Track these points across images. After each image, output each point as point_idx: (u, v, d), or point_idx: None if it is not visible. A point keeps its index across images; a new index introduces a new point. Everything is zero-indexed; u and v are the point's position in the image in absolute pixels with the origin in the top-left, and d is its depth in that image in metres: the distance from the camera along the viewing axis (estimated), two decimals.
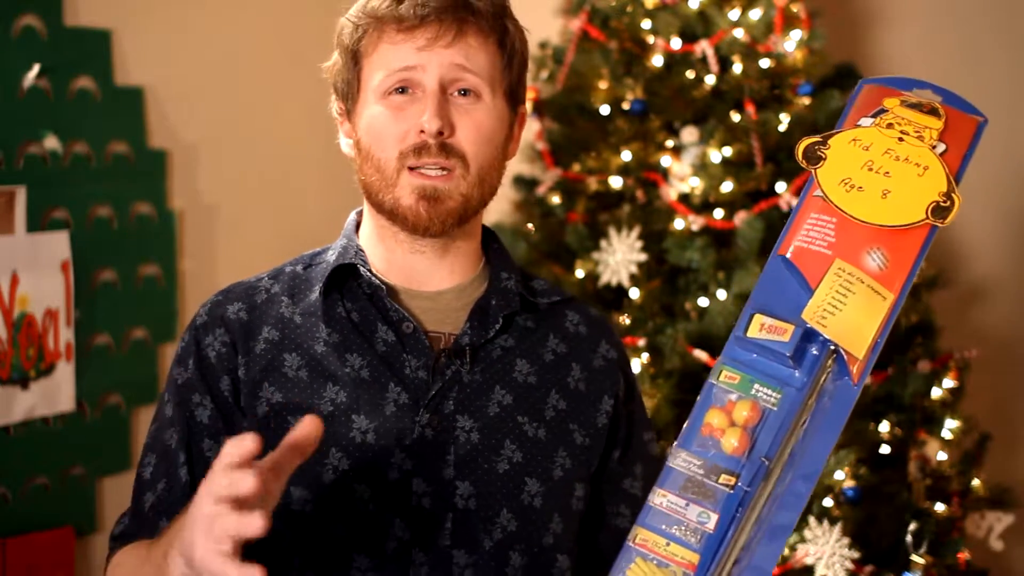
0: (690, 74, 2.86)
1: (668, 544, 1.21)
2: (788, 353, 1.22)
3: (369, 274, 1.47)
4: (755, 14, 2.86)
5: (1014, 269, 3.31)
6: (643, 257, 2.77)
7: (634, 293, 2.79)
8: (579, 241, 2.85)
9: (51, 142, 2.62)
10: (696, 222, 2.77)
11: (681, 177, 2.83)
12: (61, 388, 2.64)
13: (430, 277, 1.50)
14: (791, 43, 2.85)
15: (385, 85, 1.44)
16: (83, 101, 2.70)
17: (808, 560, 2.57)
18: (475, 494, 1.42)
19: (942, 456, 2.85)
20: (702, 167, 2.80)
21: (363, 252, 1.50)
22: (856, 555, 2.57)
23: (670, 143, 2.87)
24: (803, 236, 1.28)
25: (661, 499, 1.23)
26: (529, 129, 2.96)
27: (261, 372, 1.44)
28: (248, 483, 1.13)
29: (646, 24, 2.90)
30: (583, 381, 1.53)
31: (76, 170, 2.68)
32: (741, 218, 2.75)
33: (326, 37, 1.54)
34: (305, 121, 3.10)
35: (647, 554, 1.21)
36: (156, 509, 1.45)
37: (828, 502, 2.66)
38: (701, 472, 1.22)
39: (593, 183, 2.89)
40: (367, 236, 1.52)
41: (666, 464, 1.25)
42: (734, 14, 2.88)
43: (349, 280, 1.49)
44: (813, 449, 1.22)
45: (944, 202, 1.27)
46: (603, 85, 2.91)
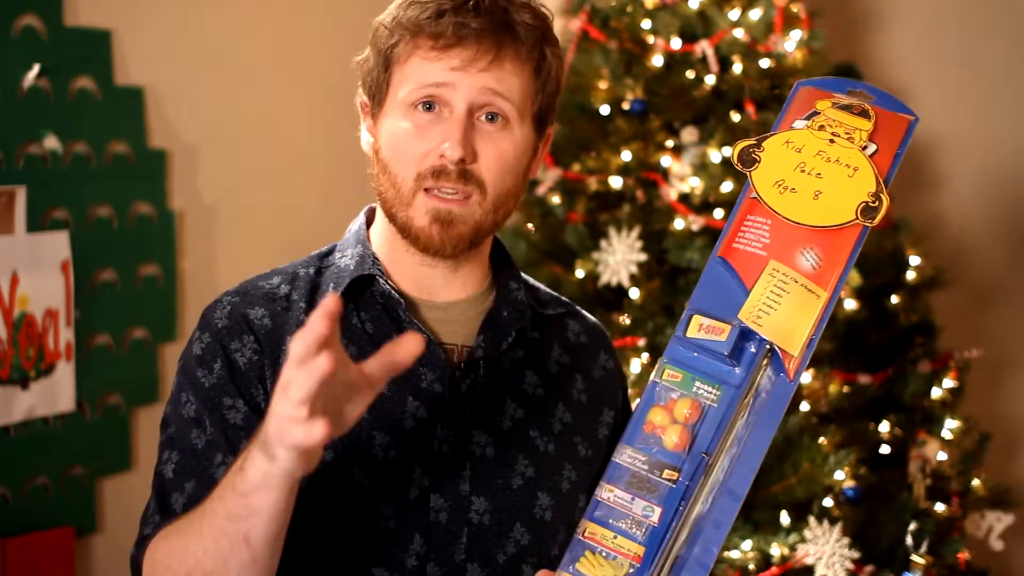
0: (690, 74, 2.86)
1: (615, 537, 1.25)
2: (725, 352, 1.27)
3: (387, 286, 1.45)
4: (755, 14, 2.86)
5: (1014, 269, 3.31)
6: (643, 257, 2.77)
7: (634, 293, 2.79)
8: (579, 241, 2.85)
9: (51, 142, 2.62)
10: (696, 222, 2.77)
11: (681, 177, 2.83)
12: (61, 388, 2.64)
13: (443, 288, 1.49)
14: (791, 43, 2.85)
15: (412, 98, 1.40)
16: (83, 101, 2.70)
17: (808, 560, 2.57)
18: (490, 509, 1.42)
19: (942, 456, 2.85)
20: (702, 167, 2.80)
21: (379, 262, 1.47)
22: (856, 555, 2.57)
23: (670, 143, 2.87)
24: (740, 238, 1.32)
25: (608, 494, 1.27)
26: None
27: None
28: (319, 327, 1.07)
29: (646, 24, 2.90)
30: (585, 393, 1.53)
31: (76, 170, 2.68)
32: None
33: (327, 37, 1.54)
34: (305, 121, 3.10)
35: (596, 547, 1.26)
36: (188, 508, 1.37)
37: (828, 502, 2.66)
38: (645, 468, 1.26)
39: (593, 183, 2.89)
40: (379, 241, 1.49)
41: (612, 460, 1.29)
42: (734, 14, 2.88)
43: (362, 289, 1.47)
44: (752, 443, 1.26)
45: (873, 202, 1.30)
46: (603, 85, 2.91)
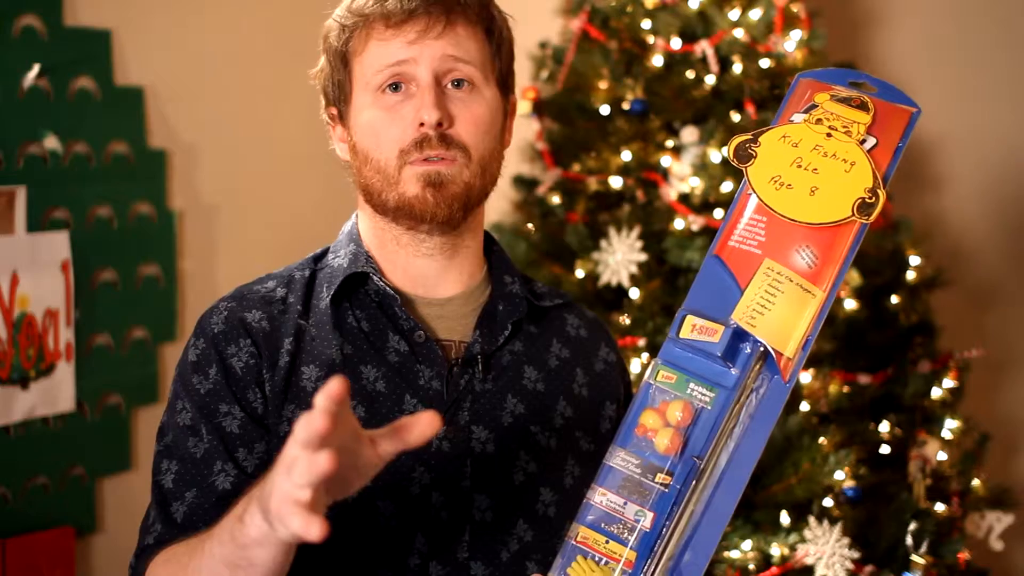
0: (690, 74, 2.86)
1: (607, 542, 1.23)
2: (718, 353, 1.24)
3: (381, 283, 1.45)
4: (755, 14, 2.86)
5: (1014, 269, 3.31)
6: (643, 257, 2.77)
7: (634, 293, 2.79)
8: (579, 241, 2.85)
9: (51, 142, 2.62)
10: (696, 222, 2.77)
11: (681, 177, 2.83)
12: (61, 388, 2.64)
13: (437, 282, 1.48)
14: (791, 43, 2.85)
15: (377, 81, 1.42)
16: (83, 101, 2.70)
17: (808, 560, 2.57)
18: (492, 506, 1.41)
19: (942, 456, 2.85)
20: (702, 167, 2.80)
21: (373, 259, 1.48)
22: (856, 555, 2.57)
23: (670, 143, 2.87)
24: (736, 235, 1.30)
25: (601, 498, 1.25)
26: (529, 129, 2.96)
27: (283, 388, 1.41)
28: (320, 421, 1.06)
29: (646, 24, 2.90)
30: (586, 387, 1.53)
31: (76, 170, 2.68)
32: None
33: None
34: (305, 121, 3.10)
35: (588, 552, 1.24)
36: (191, 518, 1.38)
37: (828, 502, 2.66)
38: (638, 471, 1.24)
39: (593, 183, 2.89)
40: (371, 239, 1.49)
41: (604, 463, 1.27)
42: (734, 14, 2.88)
43: (356, 288, 1.47)
44: (745, 448, 1.23)
45: (869, 198, 1.27)
46: (603, 85, 2.91)
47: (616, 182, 2.87)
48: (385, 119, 1.42)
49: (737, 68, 2.84)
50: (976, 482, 2.89)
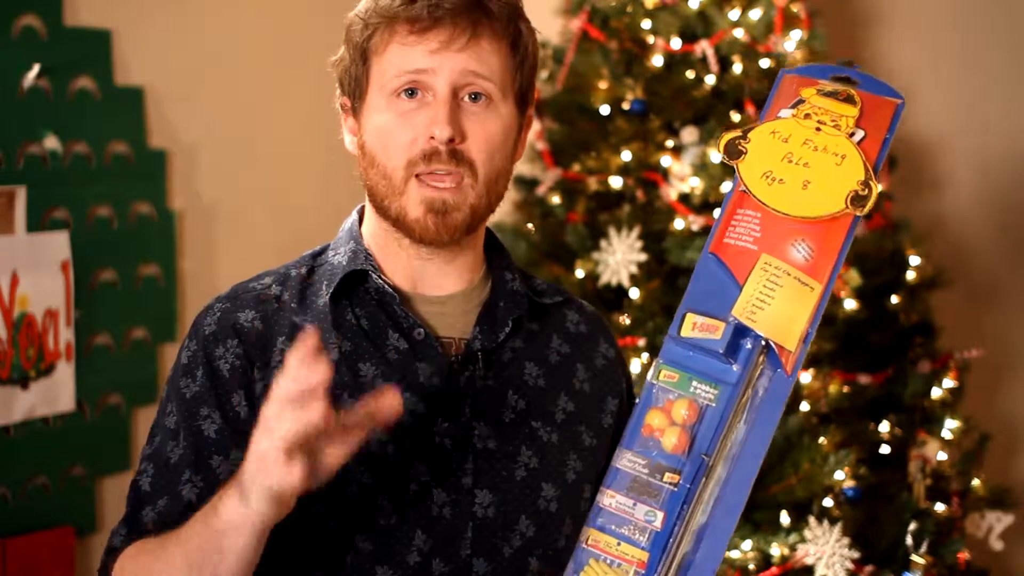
0: (690, 74, 2.86)
1: (619, 544, 1.23)
2: (720, 350, 1.24)
3: (380, 280, 1.45)
4: (755, 14, 2.86)
5: (1014, 269, 3.31)
6: (643, 257, 2.77)
7: (634, 293, 2.79)
8: (579, 241, 2.85)
9: (51, 142, 2.62)
10: (696, 222, 2.77)
11: (681, 177, 2.83)
12: (61, 388, 2.64)
13: (437, 281, 1.48)
14: (791, 43, 2.85)
15: (394, 85, 1.40)
16: (83, 101, 2.70)
17: (808, 560, 2.57)
18: (494, 502, 1.41)
19: (942, 456, 2.85)
20: (702, 167, 2.80)
21: (372, 257, 1.47)
22: (856, 555, 2.57)
23: (670, 143, 2.87)
24: (730, 232, 1.30)
25: (610, 500, 1.25)
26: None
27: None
28: (316, 374, 1.11)
29: (646, 24, 2.90)
30: (587, 382, 1.52)
31: (76, 170, 2.68)
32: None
33: (326, 37, 1.53)
34: (305, 121, 3.10)
35: (600, 555, 1.24)
36: (158, 525, 1.39)
37: (828, 502, 2.66)
38: (646, 472, 1.24)
39: (593, 183, 2.89)
40: (371, 236, 1.49)
41: (612, 465, 1.27)
42: (734, 14, 2.88)
43: (356, 285, 1.46)
44: (752, 441, 1.24)
45: (862, 190, 1.28)
46: (603, 85, 2.91)
47: (616, 182, 2.87)
48: (397, 125, 1.40)
49: (737, 68, 2.84)
50: (976, 482, 2.89)
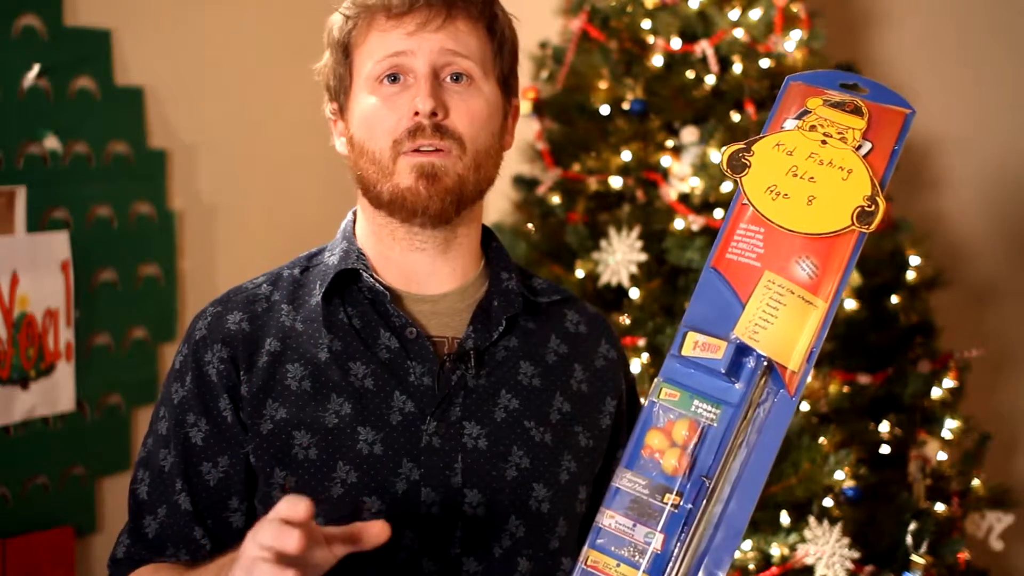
0: (690, 74, 2.86)
1: (618, 565, 1.21)
2: (722, 370, 1.22)
3: (372, 279, 1.45)
4: (755, 14, 2.86)
5: (1014, 269, 3.31)
6: (643, 257, 2.77)
7: (634, 293, 2.79)
8: (579, 241, 2.85)
9: (51, 142, 2.62)
10: (696, 222, 2.77)
11: (681, 177, 2.83)
12: (61, 388, 2.64)
13: (431, 278, 1.48)
14: (791, 43, 2.85)
15: (376, 71, 1.43)
16: (83, 101, 2.70)
17: (808, 560, 2.57)
18: (484, 502, 1.41)
19: (942, 456, 2.85)
20: (702, 167, 2.80)
21: (364, 256, 1.48)
22: (856, 555, 2.57)
23: (670, 143, 2.87)
24: (733, 248, 1.27)
25: (609, 520, 1.23)
26: (529, 129, 2.96)
27: (264, 387, 1.42)
28: (293, 541, 1.14)
29: (646, 24, 2.90)
30: (585, 382, 1.52)
31: (76, 170, 2.68)
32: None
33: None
34: (305, 121, 3.10)
35: (599, 575, 1.22)
36: (160, 536, 1.44)
37: (828, 502, 2.66)
38: (646, 492, 1.22)
39: (593, 183, 2.89)
40: (364, 236, 1.50)
41: (612, 484, 1.25)
42: (734, 14, 2.88)
43: (349, 285, 1.47)
44: (754, 465, 1.21)
45: (869, 206, 1.24)
46: (603, 85, 2.91)
47: (616, 182, 2.87)
48: (381, 109, 1.43)
49: (737, 68, 2.84)
50: (976, 482, 2.89)
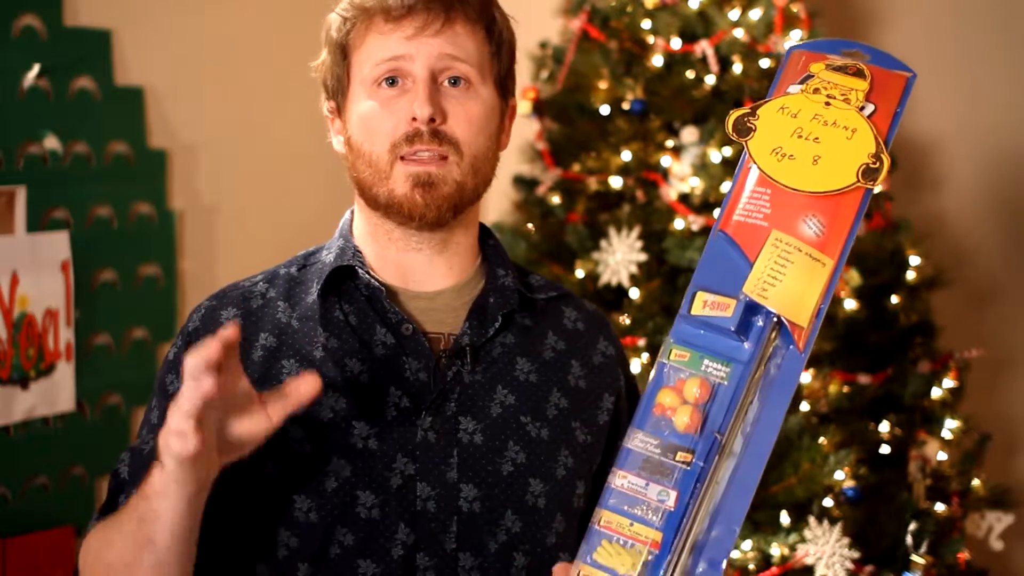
0: (690, 74, 2.86)
1: (632, 524, 1.22)
2: (732, 327, 1.24)
3: (368, 276, 1.46)
4: (755, 14, 2.86)
5: (1014, 269, 3.31)
6: (643, 257, 2.77)
7: (634, 293, 2.79)
8: (579, 241, 2.85)
9: (51, 142, 2.62)
10: (696, 222, 2.77)
11: (681, 177, 2.83)
12: (61, 388, 2.64)
13: (427, 276, 1.48)
14: (791, 43, 2.85)
15: (374, 75, 1.43)
16: (83, 101, 2.70)
17: (808, 560, 2.57)
18: (479, 496, 1.41)
19: (942, 456, 2.85)
20: (702, 167, 2.80)
21: (360, 253, 1.48)
22: (856, 555, 2.57)
23: (670, 143, 2.87)
24: (740, 210, 1.29)
25: (622, 480, 1.24)
26: (529, 129, 2.96)
27: (258, 382, 1.41)
28: (210, 348, 1.19)
29: (646, 24, 2.90)
30: (583, 378, 1.52)
31: (76, 170, 2.68)
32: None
33: None
34: (305, 121, 3.10)
35: (612, 535, 1.23)
36: None
37: (828, 502, 2.66)
38: (658, 451, 1.23)
39: (593, 183, 2.89)
40: (361, 235, 1.50)
41: (623, 445, 1.26)
42: (734, 14, 2.88)
43: (346, 282, 1.47)
44: (765, 419, 1.23)
45: (873, 163, 1.27)
46: (603, 85, 2.91)
47: (616, 182, 2.87)
48: (379, 112, 1.43)
49: (737, 68, 2.84)
50: (976, 482, 2.89)
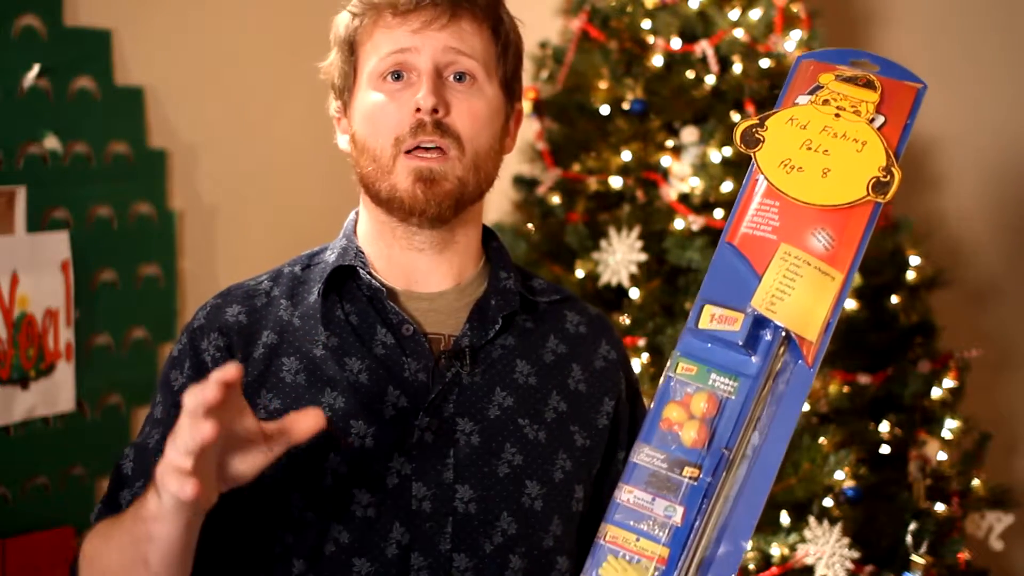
0: (690, 74, 2.86)
1: (638, 540, 1.21)
2: (740, 342, 1.22)
3: (369, 276, 1.46)
4: (755, 14, 2.86)
5: (1014, 269, 3.31)
6: (643, 257, 2.77)
7: (634, 293, 2.79)
8: (579, 241, 2.85)
9: (51, 142, 2.62)
10: (696, 222, 2.77)
11: (681, 177, 2.83)
12: (61, 388, 2.64)
13: (429, 277, 1.49)
14: (791, 43, 2.85)
15: (380, 68, 1.44)
16: (83, 101, 2.70)
17: (808, 560, 2.57)
18: (475, 498, 1.41)
19: (942, 456, 2.85)
20: (702, 167, 2.80)
21: (363, 253, 1.49)
22: (856, 555, 2.57)
23: (670, 143, 2.87)
24: (748, 222, 1.28)
25: (628, 495, 1.23)
26: (529, 129, 2.96)
27: (259, 378, 1.43)
28: (211, 390, 1.15)
29: (646, 24, 2.90)
30: (584, 382, 1.52)
31: (76, 170, 2.68)
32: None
33: (327, 37, 1.54)
34: (305, 121, 3.10)
35: (618, 551, 1.22)
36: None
37: (828, 502, 2.66)
38: (664, 466, 1.22)
39: (593, 183, 2.90)
40: (365, 234, 1.51)
41: (630, 460, 1.25)
42: (734, 14, 2.88)
43: (348, 282, 1.48)
44: (773, 435, 1.22)
45: (884, 177, 1.25)
46: (603, 85, 2.91)
47: (616, 182, 2.87)
48: (384, 105, 1.43)
49: (737, 68, 2.84)
50: (976, 482, 2.89)
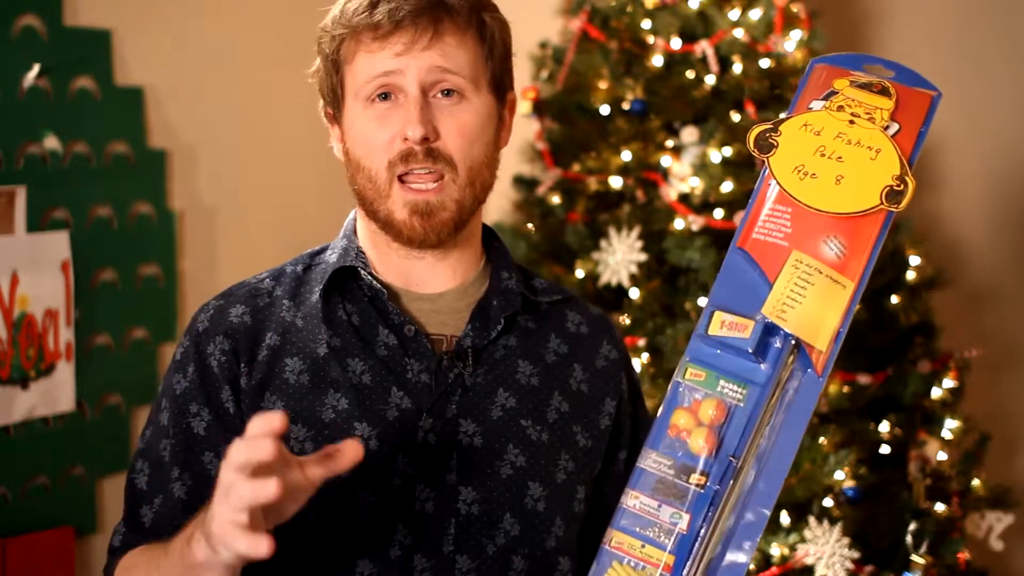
0: (690, 74, 2.86)
1: (643, 546, 1.21)
2: (750, 349, 1.21)
3: (370, 277, 1.46)
4: (755, 14, 2.86)
5: (1014, 269, 3.31)
6: (643, 257, 2.77)
7: (634, 293, 2.79)
8: (579, 241, 2.85)
9: (51, 142, 2.62)
10: (696, 222, 2.77)
11: (681, 177, 2.83)
12: (61, 388, 2.64)
13: (430, 279, 1.49)
14: (791, 43, 2.85)
15: (366, 91, 1.42)
16: (83, 101, 2.70)
17: (808, 560, 2.57)
18: (478, 499, 1.41)
19: (942, 456, 2.85)
20: (702, 167, 2.80)
21: (364, 254, 1.49)
22: (856, 555, 2.57)
23: (670, 143, 2.87)
24: (760, 228, 1.27)
25: (634, 501, 1.22)
26: (529, 129, 2.96)
27: (263, 380, 1.43)
28: (266, 449, 1.12)
29: (646, 24, 2.90)
30: (585, 382, 1.52)
31: (76, 170, 2.68)
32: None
33: None
34: (305, 121, 3.10)
35: (623, 557, 1.21)
36: (156, 525, 1.43)
37: (828, 502, 2.66)
38: (671, 472, 1.21)
39: (593, 183, 2.89)
40: (365, 235, 1.51)
41: (636, 465, 1.24)
42: (734, 14, 2.88)
43: (349, 282, 1.48)
44: (781, 444, 1.21)
45: (898, 186, 1.24)
46: (603, 85, 2.91)
47: (616, 182, 2.87)
48: (374, 128, 1.42)
49: (737, 68, 2.84)
50: (976, 482, 2.89)
